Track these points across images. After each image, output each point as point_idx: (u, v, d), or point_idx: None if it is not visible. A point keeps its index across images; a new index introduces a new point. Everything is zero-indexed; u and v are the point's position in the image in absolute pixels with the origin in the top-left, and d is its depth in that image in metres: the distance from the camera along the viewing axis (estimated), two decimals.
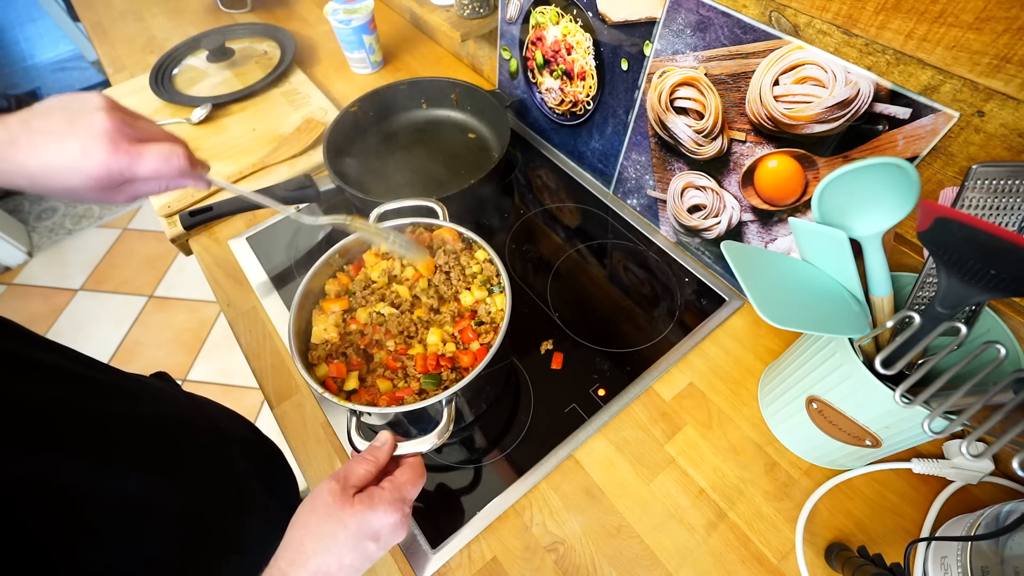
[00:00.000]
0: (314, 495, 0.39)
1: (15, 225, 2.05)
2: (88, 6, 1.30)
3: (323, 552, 0.36)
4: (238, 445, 0.54)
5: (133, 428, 0.43)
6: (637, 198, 0.78)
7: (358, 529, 0.37)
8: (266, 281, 0.75)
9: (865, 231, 0.44)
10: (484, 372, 0.49)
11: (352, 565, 0.37)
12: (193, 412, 0.52)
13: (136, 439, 0.43)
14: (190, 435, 0.49)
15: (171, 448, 0.46)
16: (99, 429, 0.40)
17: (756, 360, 0.64)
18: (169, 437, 0.47)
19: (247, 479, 0.52)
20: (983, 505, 0.47)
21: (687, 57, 0.60)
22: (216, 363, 1.72)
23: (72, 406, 0.39)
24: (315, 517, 0.38)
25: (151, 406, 0.48)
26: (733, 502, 0.55)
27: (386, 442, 0.43)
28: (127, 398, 0.45)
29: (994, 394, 0.36)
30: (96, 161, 0.36)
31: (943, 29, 0.40)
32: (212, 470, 0.49)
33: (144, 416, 0.45)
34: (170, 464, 0.45)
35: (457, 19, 0.89)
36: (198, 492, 0.46)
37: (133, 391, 0.47)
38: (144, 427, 0.44)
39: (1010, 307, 0.48)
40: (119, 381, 0.46)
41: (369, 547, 0.38)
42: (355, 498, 0.38)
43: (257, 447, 0.62)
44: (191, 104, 0.97)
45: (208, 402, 0.59)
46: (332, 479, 0.39)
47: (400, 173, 0.85)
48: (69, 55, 2.41)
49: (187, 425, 0.50)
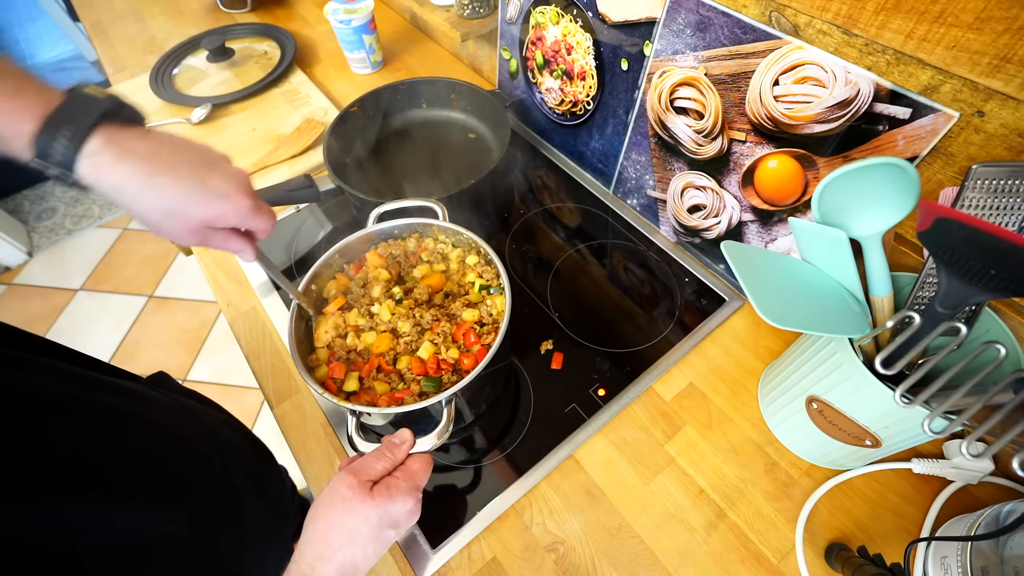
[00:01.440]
0: (332, 489, 0.40)
1: (15, 225, 2.05)
2: (88, 6, 1.30)
3: (348, 545, 0.38)
4: (235, 457, 0.54)
5: (128, 463, 0.41)
6: (637, 198, 0.78)
7: (379, 520, 0.39)
8: (266, 281, 0.75)
9: (865, 231, 0.44)
10: (484, 372, 0.49)
11: (375, 553, 0.39)
12: (191, 429, 0.51)
13: (131, 474, 0.40)
14: (190, 458, 0.48)
15: (169, 478, 0.44)
16: (97, 470, 0.37)
17: (756, 360, 0.64)
18: (166, 466, 0.44)
19: (245, 491, 0.52)
20: (983, 505, 0.47)
21: (687, 57, 0.60)
22: (216, 363, 1.72)
23: (67, 442, 0.36)
24: (336, 511, 0.39)
25: (147, 429, 0.45)
26: (733, 502, 0.55)
27: (405, 441, 0.44)
28: (123, 424, 0.43)
29: (994, 394, 0.36)
30: (191, 242, 0.42)
31: (943, 29, 0.40)
32: (211, 491, 0.47)
33: (138, 446, 0.43)
34: (169, 495, 0.43)
35: (457, 19, 0.90)
36: (196, 518, 0.44)
37: (129, 411, 0.45)
38: (139, 459, 0.42)
39: (1010, 307, 0.48)
40: (115, 400, 0.44)
41: (389, 534, 0.40)
42: (374, 490, 0.40)
43: (254, 457, 0.61)
44: (191, 104, 0.97)
45: (205, 410, 0.57)
46: (349, 473, 0.40)
47: (400, 173, 0.85)
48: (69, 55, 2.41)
49: (185, 446, 0.48)
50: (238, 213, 0.42)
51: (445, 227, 0.60)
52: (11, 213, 2.12)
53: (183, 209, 0.39)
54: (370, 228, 0.60)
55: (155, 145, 0.38)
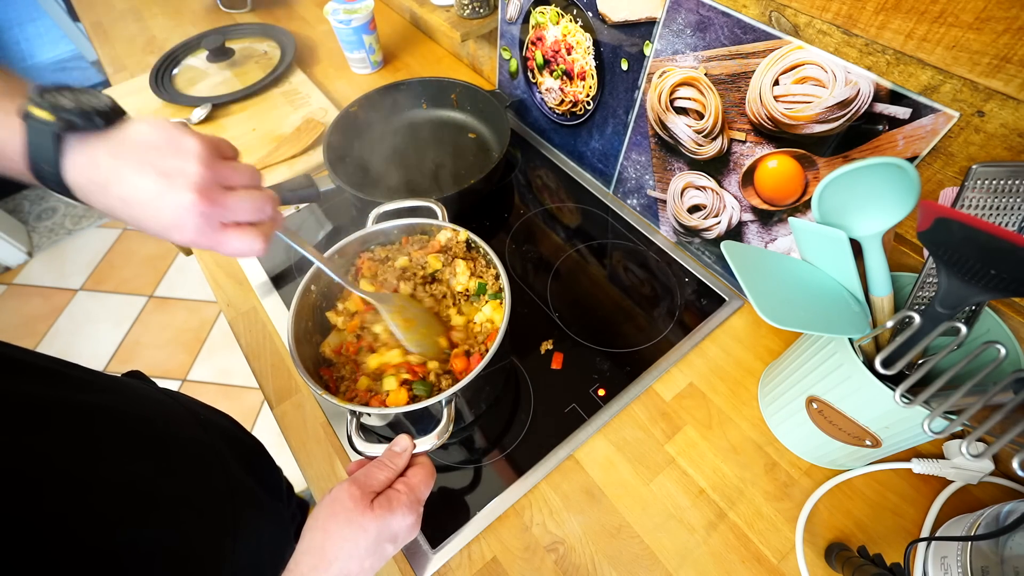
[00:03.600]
0: (333, 499, 0.40)
1: (15, 225, 2.05)
2: (88, 6, 1.30)
3: (345, 557, 0.37)
4: (221, 436, 0.55)
5: (119, 420, 0.43)
6: (637, 198, 0.78)
7: (378, 534, 0.39)
8: (266, 281, 0.75)
9: (865, 231, 0.43)
10: (483, 372, 0.49)
11: (372, 567, 0.39)
12: (174, 406, 0.53)
13: (124, 430, 0.43)
14: (174, 427, 0.49)
15: (159, 437, 0.46)
16: (87, 420, 0.40)
17: (756, 360, 0.64)
18: (156, 427, 0.47)
19: (234, 467, 0.52)
20: (983, 505, 0.47)
21: (687, 57, 0.60)
22: (216, 363, 1.72)
23: (59, 399, 0.39)
24: (335, 522, 0.38)
25: (133, 401, 0.48)
26: (733, 502, 0.55)
27: (405, 448, 0.44)
28: (108, 392, 0.45)
29: (994, 394, 0.36)
30: (184, 240, 0.36)
31: (943, 29, 0.40)
32: (200, 457, 0.49)
33: (128, 408, 0.45)
34: (160, 452, 0.45)
35: (457, 19, 0.89)
36: (190, 479, 0.46)
37: (111, 387, 0.47)
38: (129, 418, 0.44)
39: (1010, 307, 0.48)
40: (97, 380, 0.47)
41: (387, 548, 0.40)
42: (374, 503, 0.39)
43: (240, 439, 0.62)
44: (191, 104, 0.97)
45: (187, 397, 0.60)
46: (351, 483, 0.40)
47: (400, 173, 0.85)
48: (69, 55, 2.41)
49: (170, 417, 0.50)
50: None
51: (444, 227, 0.60)
52: (11, 213, 2.12)
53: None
54: (369, 228, 0.60)
55: (114, 145, 0.35)
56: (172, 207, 0.34)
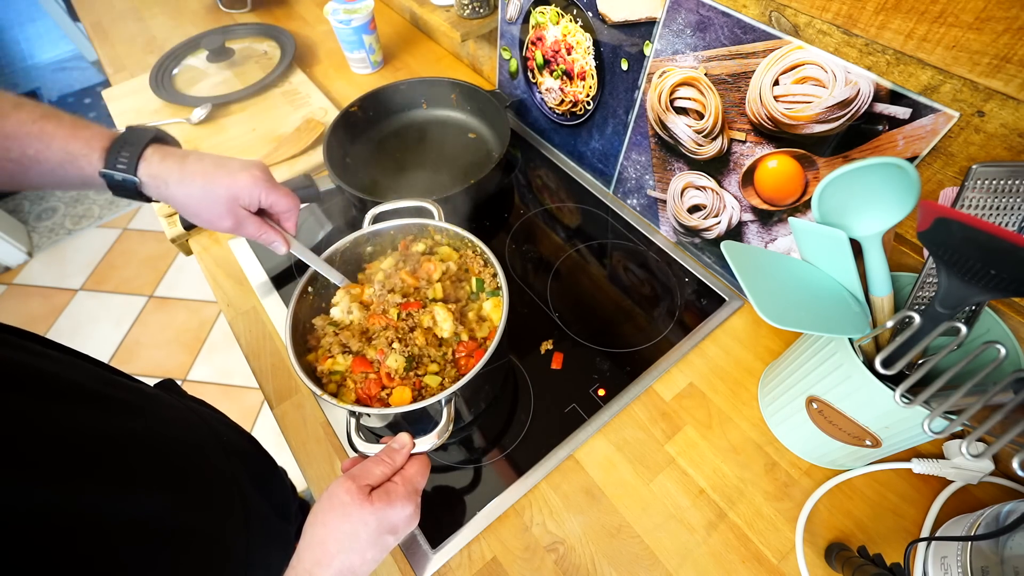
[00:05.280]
0: (331, 495, 0.40)
1: (15, 225, 2.05)
2: (88, 6, 1.30)
3: (347, 550, 0.38)
4: (240, 459, 0.55)
5: (148, 449, 0.43)
6: (637, 198, 0.78)
7: (378, 526, 0.39)
8: (266, 281, 0.75)
9: (865, 231, 0.44)
10: (483, 371, 0.49)
11: (373, 560, 0.40)
12: (200, 428, 0.53)
13: (152, 460, 0.42)
14: (200, 453, 0.49)
15: (183, 467, 0.46)
16: (121, 453, 0.40)
17: (756, 360, 0.64)
18: (181, 456, 0.47)
19: (250, 492, 0.52)
20: (983, 505, 0.47)
21: (687, 57, 0.60)
22: (216, 363, 1.73)
23: (96, 431, 0.39)
24: (335, 516, 0.39)
25: (162, 424, 0.48)
26: (733, 502, 0.55)
27: (404, 446, 0.44)
28: (140, 417, 0.45)
29: (994, 394, 0.36)
30: (224, 228, 0.52)
31: (943, 29, 0.40)
32: (219, 487, 0.49)
33: (157, 435, 0.45)
34: (183, 483, 0.44)
35: (457, 19, 0.89)
36: (208, 510, 0.46)
37: (143, 407, 0.47)
38: (158, 448, 0.44)
39: (1010, 307, 0.48)
40: (130, 397, 0.46)
41: (388, 540, 0.40)
42: (372, 495, 0.40)
43: (257, 460, 0.62)
44: (191, 104, 0.97)
45: (211, 414, 0.60)
46: (348, 478, 0.40)
47: (400, 173, 0.85)
48: (69, 55, 2.41)
49: (195, 442, 0.50)
50: (256, 183, 0.51)
51: (441, 227, 0.60)
52: (11, 213, 2.12)
53: (211, 187, 0.49)
54: (365, 229, 0.60)
55: (188, 153, 0.51)
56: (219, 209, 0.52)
